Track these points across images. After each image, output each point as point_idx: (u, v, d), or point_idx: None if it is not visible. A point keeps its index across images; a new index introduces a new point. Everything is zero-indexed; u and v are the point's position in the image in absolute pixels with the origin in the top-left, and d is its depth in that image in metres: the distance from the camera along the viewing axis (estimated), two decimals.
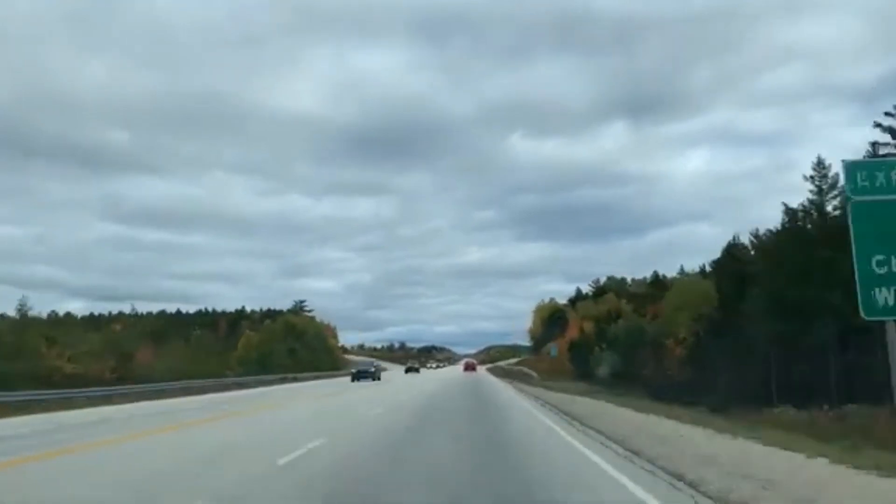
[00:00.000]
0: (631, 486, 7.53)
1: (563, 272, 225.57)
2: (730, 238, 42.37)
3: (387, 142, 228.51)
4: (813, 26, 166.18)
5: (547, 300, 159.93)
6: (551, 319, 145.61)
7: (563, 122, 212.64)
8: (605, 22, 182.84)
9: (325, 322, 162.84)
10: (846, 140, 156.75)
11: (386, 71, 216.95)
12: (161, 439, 13.38)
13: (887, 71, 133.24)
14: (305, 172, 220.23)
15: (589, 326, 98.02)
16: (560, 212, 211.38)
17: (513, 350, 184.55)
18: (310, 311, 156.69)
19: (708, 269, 55.27)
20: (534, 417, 18.56)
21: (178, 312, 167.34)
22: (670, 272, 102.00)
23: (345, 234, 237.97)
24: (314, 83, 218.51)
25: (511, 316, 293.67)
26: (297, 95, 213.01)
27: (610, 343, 77.15)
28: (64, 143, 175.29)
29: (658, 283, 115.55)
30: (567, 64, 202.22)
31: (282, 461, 9.37)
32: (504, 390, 35.03)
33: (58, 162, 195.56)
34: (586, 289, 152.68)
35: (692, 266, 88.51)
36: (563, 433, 13.83)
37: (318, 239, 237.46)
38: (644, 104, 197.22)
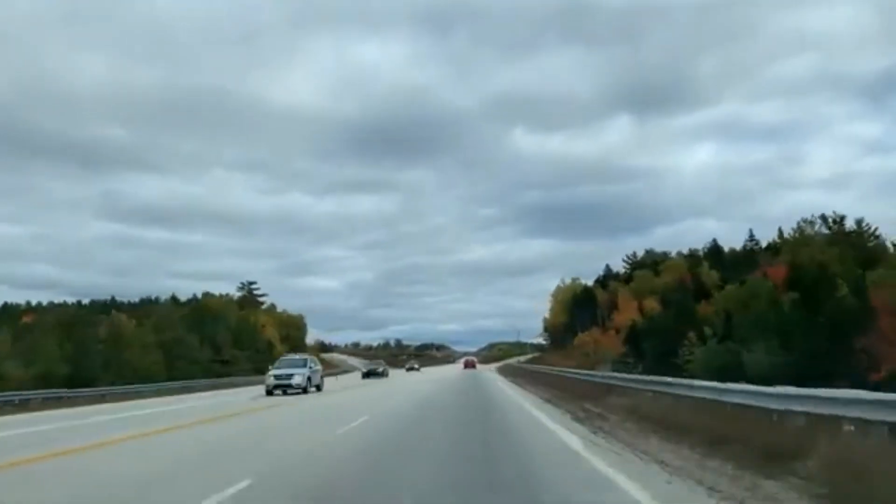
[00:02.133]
0: None
1: (568, 269, 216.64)
2: None
3: (389, 137, 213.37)
4: (822, 16, 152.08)
5: (568, 281, 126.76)
6: (576, 303, 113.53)
7: (568, 116, 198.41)
8: (610, 13, 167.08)
9: (287, 312, 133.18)
10: (855, 133, 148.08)
11: (388, 64, 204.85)
12: None
13: None
14: (307, 169, 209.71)
15: (652, 304, 66.01)
16: (565, 208, 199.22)
17: (517, 347, 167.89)
18: (261, 295, 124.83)
19: None
20: None
21: (113, 300, 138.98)
22: None
23: (347, 232, 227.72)
24: (315, 77, 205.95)
25: (514, 314, 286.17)
26: (298, 90, 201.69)
27: (731, 328, 44.48)
28: (62, 140, 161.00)
29: (713, 252, 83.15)
30: (571, 56, 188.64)
31: None
32: None
33: (56, 160, 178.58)
34: (618, 267, 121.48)
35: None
36: None
37: (319, 237, 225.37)
38: (650, 97, 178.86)
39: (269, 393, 25.57)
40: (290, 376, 26.38)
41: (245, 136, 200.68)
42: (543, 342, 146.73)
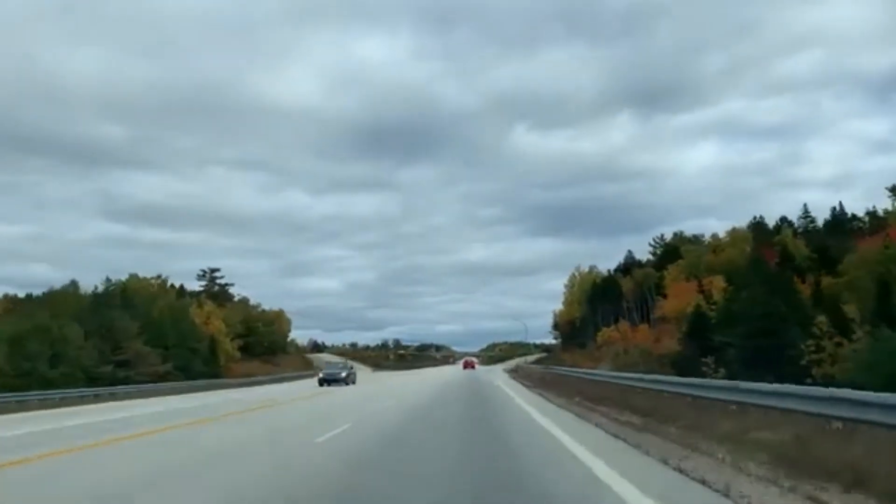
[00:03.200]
0: None
1: (570, 270, 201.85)
2: None
3: (389, 135, 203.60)
4: (827, 13, 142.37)
5: (585, 269, 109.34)
6: (596, 294, 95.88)
7: (570, 113, 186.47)
8: (613, 10, 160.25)
9: (260, 307, 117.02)
10: (860, 131, 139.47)
11: (389, 61, 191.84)
12: None
13: None
14: (306, 167, 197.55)
15: (718, 284, 48.38)
16: (567, 207, 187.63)
17: (519, 347, 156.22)
18: (226, 285, 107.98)
19: None
20: None
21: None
22: None
23: (347, 232, 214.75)
24: (314, 74, 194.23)
25: (515, 315, 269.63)
26: (297, 87, 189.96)
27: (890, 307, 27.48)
28: (57, 138, 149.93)
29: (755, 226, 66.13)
30: (574, 54, 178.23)
31: None
32: None
33: (50, 157, 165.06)
34: (642, 254, 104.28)
35: None
36: None
37: (319, 236, 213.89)
38: (653, 95, 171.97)
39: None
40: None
41: (243, 134, 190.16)
42: (554, 341, 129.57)
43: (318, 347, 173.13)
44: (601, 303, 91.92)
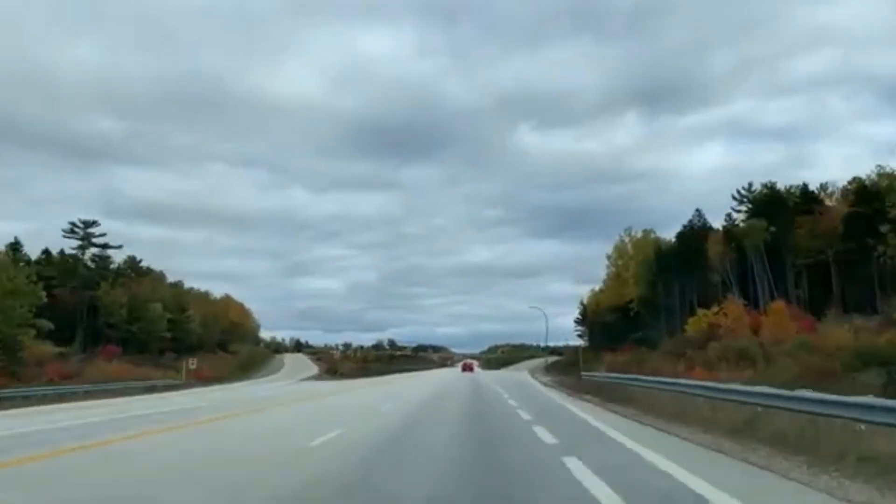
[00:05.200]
0: None
1: (573, 272, 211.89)
2: None
3: (392, 133, 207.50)
4: (838, 12, 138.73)
5: (638, 234, 76.24)
6: (667, 264, 62.03)
7: (575, 113, 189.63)
8: (619, 7, 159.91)
9: (179, 284, 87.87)
10: (871, 133, 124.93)
11: (392, 58, 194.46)
12: None
13: None
14: (308, 165, 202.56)
15: None
16: (570, 208, 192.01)
17: (522, 349, 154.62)
18: (106, 246, 76.10)
19: None
20: None
21: None
22: None
23: (348, 231, 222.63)
24: (316, 70, 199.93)
25: (517, 317, 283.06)
26: (299, 83, 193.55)
27: None
28: (52, 133, 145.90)
29: None
30: (579, 52, 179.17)
31: None
32: None
33: (45, 153, 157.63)
34: (715, 220, 71.41)
35: None
36: None
37: (320, 236, 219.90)
38: (660, 94, 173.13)
39: None
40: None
41: (243, 131, 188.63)
42: (582, 340, 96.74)
43: (299, 346, 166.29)
44: (679, 277, 59.91)
